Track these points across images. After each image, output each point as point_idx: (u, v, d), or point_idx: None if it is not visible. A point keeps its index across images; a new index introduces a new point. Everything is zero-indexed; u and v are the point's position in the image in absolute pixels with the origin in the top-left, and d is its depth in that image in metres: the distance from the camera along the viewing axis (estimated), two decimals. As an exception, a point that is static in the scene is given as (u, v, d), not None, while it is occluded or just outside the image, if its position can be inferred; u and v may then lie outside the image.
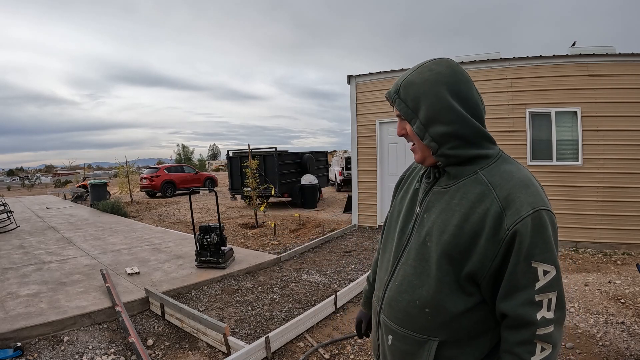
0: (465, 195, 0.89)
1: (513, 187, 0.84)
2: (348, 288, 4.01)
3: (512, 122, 6.26)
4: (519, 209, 0.81)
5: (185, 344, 3.17)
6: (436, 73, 0.91)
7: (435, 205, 0.95)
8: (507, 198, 0.83)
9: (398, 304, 0.97)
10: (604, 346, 2.93)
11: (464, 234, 0.86)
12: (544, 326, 0.81)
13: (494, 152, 0.92)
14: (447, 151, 0.90)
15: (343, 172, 15.59)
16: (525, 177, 0.87)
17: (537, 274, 0.81)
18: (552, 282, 0.81)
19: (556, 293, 0.82)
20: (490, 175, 0.88)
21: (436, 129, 0.89)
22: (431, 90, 0.89)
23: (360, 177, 7.93)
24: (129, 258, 5.59)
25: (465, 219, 0.86)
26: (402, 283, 0.97)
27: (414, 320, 0.94)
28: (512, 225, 0.81)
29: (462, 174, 0.91)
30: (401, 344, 0.97)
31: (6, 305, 3.71)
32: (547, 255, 0.80)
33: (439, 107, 0.89)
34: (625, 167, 5.66)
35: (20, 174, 42.83)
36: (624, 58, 5.64)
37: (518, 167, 0.90)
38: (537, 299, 0.81)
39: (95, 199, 12.40)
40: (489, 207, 0.84)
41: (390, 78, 7.40)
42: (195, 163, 46.87)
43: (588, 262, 5.18)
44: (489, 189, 0.86)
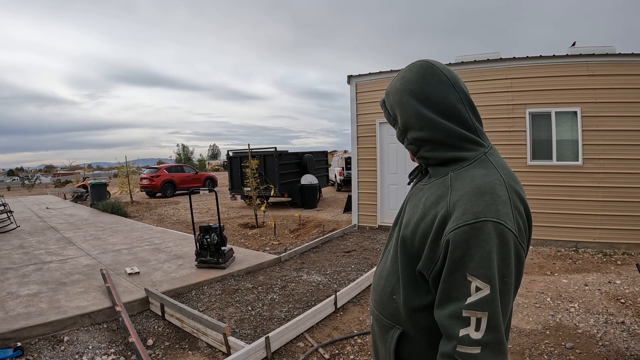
0: (429, 196, 0.90)
1: (465, 194, 0.81)
2: (348, 288, 4.01)
3: (512, 122, 6.26)
4: (460, 216, 0.78)
5: (185, 344, 3.17)
6: (405, 81, 0.93)
7: (411, 200, 1.00)
8: (456, 204, 0.81)
9: (377, 288, 1.04)
10: (604, 346, 2.93)
11: (418, 233, 0.88)
12: (466, 345, 0.75)
13: (473, 154, 0.88)
14: (424, 153, 0.94)
15: (343, 172, 15.58)
16: (487, 184, 0.81)
17: (470, 289, 0.75)
18: (483, 301, 0.74)
19: (487, 314, 0.74)
20: (455, 179, 0.86)
21: (412, 134, 0.94)
22: (401, 99, 0.93)
23: (360, 177, 7.93)
24: (129, 258, 5.59)
25: (422, 218, 0.88)
26: (382, 270, 1.04)
27: (385, 306, 0.99)
28: (449, 231, 0.78)
29: (436, 174, 0.94)
30: (376, 326, 1.04)
31: (6, 305, 3.71)
32: (482, 271, 0.74)
33: (409, 114, 0.92)
34: (625, 167, 5.65)
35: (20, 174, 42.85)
36: (624, 58, 5.64)
37: (488, 172, 0.84)
38: (464, 315, 0.75)
39: (95, 199, 12.40)
40: (439, 210, 0.84)
41: (390, 78, 7.39)
42: (195, 163, 46.87)
43: (588, 262, 5.18)
44: (447, 192, 0.85)
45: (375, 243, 6.52)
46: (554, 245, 5.95)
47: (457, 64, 6.68)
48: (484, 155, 0.89)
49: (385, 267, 1.03)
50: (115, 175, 19.77)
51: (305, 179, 11.68)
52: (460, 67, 6.55)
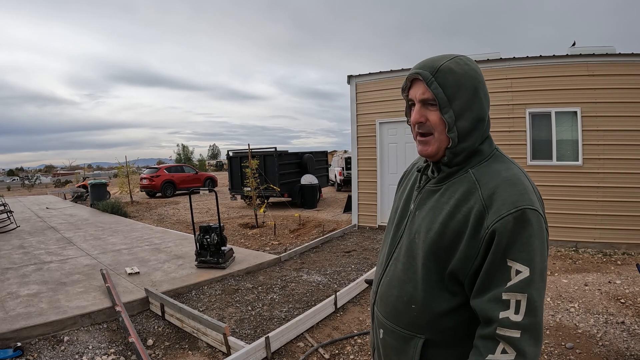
0: (453, 194, 0.89)
1: (498, 186, 0.83)
2: (348, 288, 4.01)
3: (512, 122, 6.26)
4: (500, 207, 0.80)
5: (185, 344, 3.17)
6: (473, 69, 0.90)
7: (426, 202, 0.96)
8: (491, 197, 0.82)
9: (388, 299, 0.98)
10: (604, 346, 2.93)
11: (449, 232, 0.86)
12: (506, 327, 0.76)
13: (488, 149, 0.92)
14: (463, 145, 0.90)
15: (343, 172, 15.58)
16: (513, 176, 0.85)
17: (510, 273, 0.77)
18: (523, 284, 0.76)
19: (526, 296, 0.76)
20: (479, 174, 0.88)
21: (463, 123, 0.89)
22: (471, 84, 0.88)
23: (360, 177, 7.93)
24: (129, 258, 5.59)
25: (450, 217, 0.86)
26: (392, 278, 0.98)
27: (402, 316, 0.94)
28: (491, 224, 0.79)
29: (452, 175, 0.93)
30: (390, 338, 0.98)
31: (6, 305, 3.71)
32: (523, 255, 0.77)
33: (473, 103, 0.89)
34: (625, 167, 5.65)
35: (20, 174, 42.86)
36: (624, 58, 5.63)
37: (508, 165, 0.89)
38: (504, 298, 0.77)
39: (95, 199, 12.39)
40: (473, 206, 0.84)
41: (390, 78, 7.41)
42: (195, 163, 46.86)
43: (588, 262, 5.18)
44: (476, 187, 0.86)
45: (375, 243, 6.51)
46: (554, 245, 5.95)
47: (457, 64, 6.68)
48: (497, 151, 0.93)
49: (395, 276, 0.97)
50: (115, 175, 19.77)
51: (305, 179, 11.68)
52: (460, 67, 6.55)
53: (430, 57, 0.94)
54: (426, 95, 0.90)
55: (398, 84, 7.32)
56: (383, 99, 7.47)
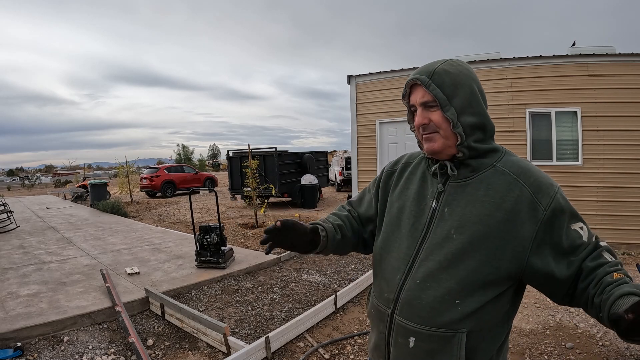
0: (491, 186, 0.93)
1: (533, 174, 0.93)
2: (348, 288, 4.01)
3: (512, 122, 6.27)
4: (548, 190, 0.91)
5: (185, 344, 3.17)
6: (466, 68, 0.97)
7: (457, 198, 0.96)
8: (534, 183, 0.92)
9: (422, 302, 0.94)
10: (604, 346, 2.93)
11: (498, 222, 0.90)
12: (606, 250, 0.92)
13: (499, 147, 1.01)
14: (472, 143, 0.95)
15: (343, 172, 15.58)
16: (531, 165, 0.98)
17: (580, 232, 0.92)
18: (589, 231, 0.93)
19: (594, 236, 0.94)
20: (509, 166, 0.95)
21: (467, 118, 0.93)
22: (466, 81, 0.95)
23: (360, 177, 7.93)
24: (129, 258, 5.59)
25: (496, 207, 0.91)
26: (425, 280, 0.94)
27: (441, 316, 0.92)
28: (547, 205, 0.90)
29: (480, 167, 0.96)
30: (426, 343, 0.93)
31: (6, 305, 3.71)
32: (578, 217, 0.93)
33: (472, 98, 0.94)
34: (625, 167, 5.66)
35: (20, 174, 42.86)
36: (624, 58, 5.64)
37: (521, 158, 1.01)
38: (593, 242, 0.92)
39: (95, 199, 12.40)
40: (519, 194, 0.91)
41: (390, 78, 7.41)
42: (195, 163, 46.85)
43: (588, 262, 5.18)
44: (514, 178, 0.93)
45: (375, 243, 6.51)
46: (554, 245, 5.96)
47: (457, 64, 6.69)
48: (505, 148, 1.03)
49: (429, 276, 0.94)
50: (115, 175, 19.77)
51: (305, 179, 11.68)
52: (460, 67, 6.56)
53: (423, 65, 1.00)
54: (426, 97, 0.95)
55: (398, 84, 7.32)
56: (383, 99, 7.47)
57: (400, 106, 7.22)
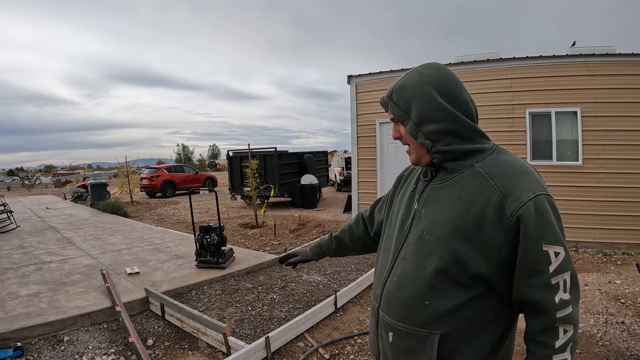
0: (464, 188, 0.90)
1: (511, 176, 0.86)
2: (348, 288, 4.01)
3: (512, 122, 6.27)
4: (519, 195, 0.83)
5: (185, 344, 3.17)
6: (425, 75, 0.96)
7: (433, 199, 0.97)
8: (507, 186, 0.85)
9: (397, 299, 0.97)
10: (604, 346, 2.93)
11: (466, 225, 0.87)
12: (563, 308, 0.81)
13: (488, 145, 0.95)
14: (441, 147, 0.93)
15: (343, 172, 15.58)
16: (523, 165, 0.90)
17: (550, 257, 0.81)
18: (564, 263, 0.82)
19: (569, 272, 0.82)
20: (487, 167, 0.90)
21: (428, 127, 0.93)
22: (422, 91, 0.94)
23: (360, 177, 7.93)
24: (129, 258, 5.59)
25: (466, 210, 0.88)
26: (401, 278, 0.97)
27: (414, 315, 0.93)
28: (514, 211, 0.82)
29: (458, 168, 0.94)
30: (403, 340, 0.96)
31: (6, 305, 3.71)
32: (555, 237, 0.82)
33: (429, 106, 0.93)
34: (625, 167, 5.66)
35: (20, 174, 42.85)
36: (624, 58, 5.64)
37: (514, 157, 0.94)
38: (553, 282, 0.82)
39: (95, 199, 12.39)
40: (489, 197, 0.86)
41: (390, 78, 7.40)
42: (195, 163, 46.82)
43: (588, 262, 5.18)
44: (487, 179, 0.88)
45: (375, 243, 6.51)
46: (554, 245, 5.96)
47: (457, 64, 6.68)
48: (496, 146, 0.97)
49: (405, 275, 0.96)
50: (115, 175, 19.77)
51: (305, 179, 11.67)
52: (460, 67, 6.55)
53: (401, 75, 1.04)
54: (390, 115, 1.02)
55: (398, 84, 7.33)
56: (383, 99, 7.48)
57: (400, 106, 7.22)
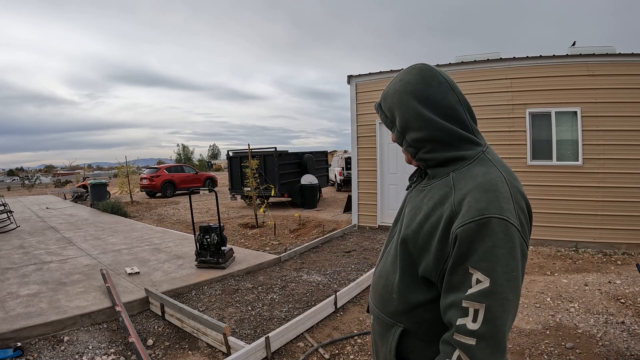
0: (432, 196, 0.92)
1: (469, 191, 0.83)
2: (348, 288, 4.01)
3: (512, 122, 6.26)
4: (465, 214, 0.80)
5: (185, 344, 3.17)
6: (405, 83, 0.95)
7: (412, 202, 1.01)
8: (461, 202, 0.82)
9: (377, 288, 1.05)
10: (604, 346, 2.93)
11: (422, 233, 0.89)
12: (463, 334, 0.76)
13: (472, 153, 0.91)
14: (423, 155, 0.95)
15: (343, 172, 15.58)
16: (488, 181, 0.83)
17: (471, 281, 0.77)
18: (482, 293, 0.75)
19: (484, 306, 0.75)
20: (458, 178, 0.88)
21: (411, 135, 0.95)
22: (401, 100, 0.95)
23: (360, 177, 7.93)
24: (129, 258, 5.59)
25: (426, 218, 0.89)
26: (382, 270, 1.05)
27: (386, 304, 1.00)
28: (456, 229, 0.80)
29: (437, 175, 0.95)
30: (377, 324, 1.05)
31: (6, 305, 3.71)
32: (484, 264, 0.76)
33: (408, 115, 0.93)
34: (625, 167, 5.65)
35: (20, 174, 42.83)
36: (624, 58, 5.64)
37: (488, 169, 0.87)
38: (463, 305, 0.77)
39: (95, 199, 12.40)
40: (445, 210, 0.85)
41: (390, 78, 7.38)
42: (195, 163, 46.80)
43: (588, 262, 5.18)
44: (451, 191, 0.87)
45: (375, 243, 6.52)
46: (554, 245, 5.95)
47: (457, 64, 6.68)
48: (483, 154, 0.91)
49: (385, 267, 1.04)
50: (115, 175, 19.77)
51: (305, 179, 11.68)
52: (460, 67, 6.55)
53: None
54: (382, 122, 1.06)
55: (398, 84, 7.32)
56: (383, 99, 7.47)
57: (400, 106, 7.21)
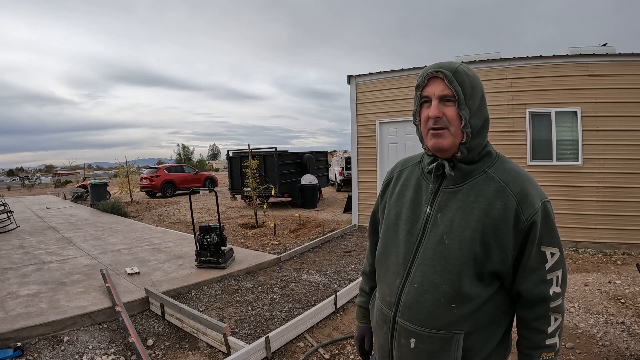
0: (480, 193, 0.96)
1: (523, 183, 0.96)
2: (348, 288, 4.01)
3: (512, 122, 6.26)
4: (533, 202, 0.93)
5: (185, 344, 3.17)
6: (478, 77, 1.02)
7: (448, 204, 0.99)
8: (521, 193, 0.94)
9: (421, 305, 0.97)
10: (604, 346, 2.93)
11: (486, 228, 0.93)
12: (555, 299, 0.95)
13: (494, 151, 1.03)
14: (474, 144, 0.98)
15: (343, 172, 15.58)
16: (527, 174, 1.00)
17: (546, 257, 0.94)
18: (558, 262, 0.95)
19: (561, 270, 0.96)
20: (499, 173, 0.98)
21: (475, 120, 0.98)
22: (479, 87, 1.00)
23: (360, 177, 7.93)
24: (129, 258, 5.59)
25: (485, 214, 0.94)
26: (422, 284, 0.97)
27: (439, 319, 0.96)
28: (529, 217, 0.92)
29: (472, 173, 0.99)
30: (426, 345, 0.97)
31: (6, 305, 3.71)
32: (553, 239, 0.95)
33: (481, 103, 1.00)
34: (625, 167, 5.65)
35: (20, 174, 42.81)
36: (624, 58, 5.63)
37: (516, 165, 1.03)
38: (549, 277, 0.95)
39: (95, 199, 12.40)
40: (506, 202, 0.93)
41: (390, 78, 7.40)
42: (195, 163, 46.80)
43: (588, 262, 5.18)
44: (503, 185, 0.95)
45: (375, 243, 6.51)
46: (554, 245, 5.95)
47: (457, 64, 6.68)
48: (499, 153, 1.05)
49: (426, 281, 0.97)
50: (115, 175, 19.77)
51: (305, 179, 11.67)
52: (460, 67, 6.55)
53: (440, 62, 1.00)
54: (446, 91, 0.95)
55: (398, 84, 7.32)
56: (383, 99, 7.47)
57: (401, 106, 7.22)
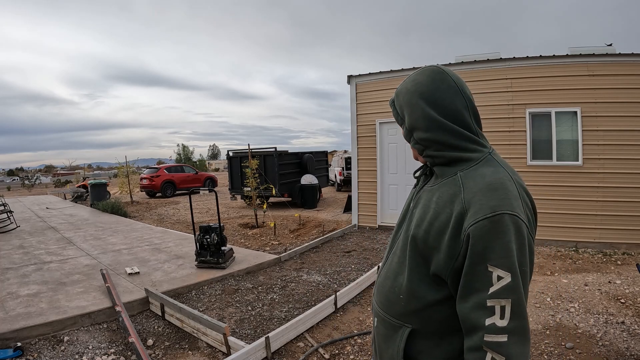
0: (441, 195, 0.94)
1: (479, 190, 0.85)
2: (348, 288, 4.01)
3: (512, 122, 6.26)
4: (478, 211, 0.82)
5: (185, 344, 3.17)
6: (416, 83, 0.98)
7: (420, 202, 1.02)
8: (471, 200, 0.85)
9: (383, 289, 1.05)
10: (604, 346, 2.93)
11: (432, 231, 0.90)
12: (493, 333, 0.77)
13: (478, 155, 0.94)
14: (430, 152, 0.98)
15: (343, 172, 15.58)
16: (497, 180, 0.86)
17: (492, 279, 0.79)
18: (506, 289, 0.78)
19: (510, 301, 0.77)
20: (466, 178, 0.91)
21: (418, 134, 0.98)
22: (411, 100, 0.98)
23: (360, 177, 7.93)
24: (129, 258, 5.59)
25: (436, 217, 0.91)
26: (388, 270, 1.05)
27: (393, 306, 1.00)
28: (469, 226, 0.82)
29: (445, 174, 0.97)
30: (382, 326, 1.04)
31: (6, 305, 3.71)
32: (503, 260, 0.78)
33: (416, 115, 0.97)
34: (625, 167, 5.65)
35: (20, 174, 42.79)
36: (624, 58, 5.63)
37: (496, 169, 0.90)
38: (489, 304, 0.78)
39: (95, 199, 12.40)
40: (455, 208, 0.87)
41: (390, 78, 7.41)
42: (194, 163, 46.80)
43: (588, 262, 5.18)
44: (460, 190, 0.89)
45: (375, 243, 6.51)
46: (554, 245, 5.95)
47: (457, 64, 6.68)
48: (489, 155, 0.95)
49: (391, 268, 1.04)
50: (115, 175, 19.77)
51: (305, 179, 11.67)
52: (460, 67, 6.55)
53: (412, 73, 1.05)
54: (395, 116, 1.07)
55: (398, 84, 7.30)
56: (383, 99, 7.47)
57: (400, 106, 7.21)
